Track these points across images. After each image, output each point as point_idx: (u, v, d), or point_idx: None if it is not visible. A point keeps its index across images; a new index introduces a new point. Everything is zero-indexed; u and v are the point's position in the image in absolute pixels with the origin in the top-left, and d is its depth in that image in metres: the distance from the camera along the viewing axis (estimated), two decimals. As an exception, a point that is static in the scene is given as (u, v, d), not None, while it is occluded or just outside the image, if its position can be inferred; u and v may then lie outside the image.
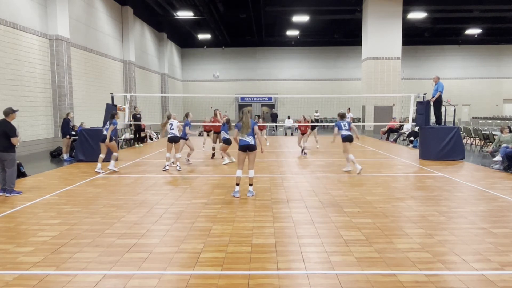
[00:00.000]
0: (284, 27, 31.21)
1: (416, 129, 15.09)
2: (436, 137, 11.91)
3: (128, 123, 16.20)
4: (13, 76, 13.10)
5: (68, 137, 12.61)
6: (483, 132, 14.82)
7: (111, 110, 12.61)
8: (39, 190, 7.83)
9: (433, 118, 12.96)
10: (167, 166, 10.33)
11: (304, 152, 13.33)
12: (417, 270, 3.93)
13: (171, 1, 23.85)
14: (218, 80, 37.68)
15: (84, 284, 3.68)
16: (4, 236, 5.07)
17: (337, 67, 37.59)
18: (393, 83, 23.63)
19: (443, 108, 13.27)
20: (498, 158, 10.26)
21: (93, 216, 5.96)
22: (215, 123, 13.10)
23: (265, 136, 17.96)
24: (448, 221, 5.63)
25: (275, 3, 24.73)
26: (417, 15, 25.71)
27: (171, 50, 34.28)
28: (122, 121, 16.08)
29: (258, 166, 10.78)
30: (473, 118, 33.83)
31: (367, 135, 23.49)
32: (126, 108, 14.57)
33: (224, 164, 11.24)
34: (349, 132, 9.96)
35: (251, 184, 7.38)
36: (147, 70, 27.87)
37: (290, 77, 37.64)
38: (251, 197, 7.14)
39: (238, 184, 7.24)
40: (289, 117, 26.69)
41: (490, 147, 11.83)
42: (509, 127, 12.10)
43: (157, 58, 30.58)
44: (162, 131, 10.80)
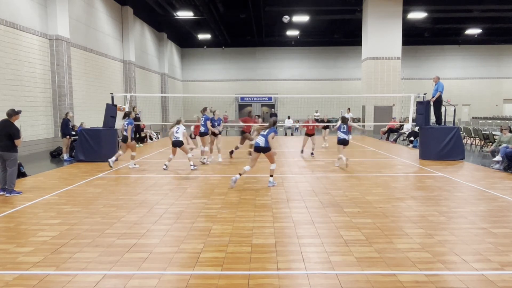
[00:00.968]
0: (284, 27, 31.17)
1: (416, 129, 15.08)
2: (436, 137, 11.91)
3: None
4: (13, 76, 13.10)
5: (68, 137, 12.61)
6: (483, 132, 14.82)
7: (111, 110, 12.64)
8: (39, 190, 7.83)
9: (433, 118, 12.96)
10: (165, 166, 10.65)
11: (312, 153, 13.45)
12: (417, 270, 3.93)
13: (171, 1, 23.84)
14: (218, 80, 37.67)
15: (84, 284, 3.68)
16: (4, 236, 5.08)
17: (337, 67, 37.58)
18: (393, 83, 23.62)
19: (443, 108, 13.27)
20: (498, 158, 10.26)
21: (93, 216, 5.96)
22: (249, 123, 12.78)
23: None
24: (448, 221, 5.63)
25: (275, 3, 24.71)
26: (417, 15, 25.69)
27: (171, 50, 34.26)
28: (122, 121, 16.07)
29: (258, 166, 10.80)
30: (473, 118, 33.82)
31: (367, 135, 23.49)
32: (126, 108, 14.56)
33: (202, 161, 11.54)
34: (344, 136, 10.73)
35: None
36: (147, 70, 27.86)
37: (290, 77, 37.62)
38: (264, 191, 7.17)
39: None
40: (289, 117, 26.70)
41: (492, 146, 11.83)
42: (510, 127, 12.10)
43: (157, 58, 30.57)
44: (171, 134, 10.86)
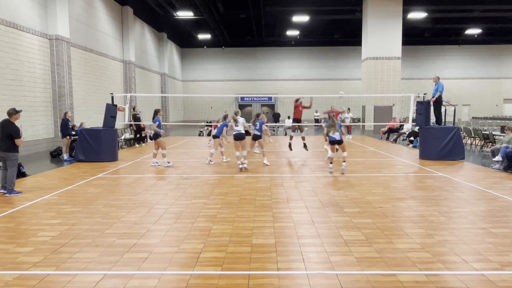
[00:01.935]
0: (284, 27, 31.22)
1: (416, 129, 15.08)
2: (436, 137, 11.90)
3: (128, 123, 16.20)
4: (13, 76, 13.10)
5: (68, 137, 12.60)
6: (483, 132, 14.82)
7: (111, 110, 12.63)
8: (39, 190, 7.82)
9: (433, 118, 12.96)
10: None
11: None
12: (417, 270, 3.93)
13: (171, 1, 23.85)
14: (218, 80, 37.68)
15: (84, 284, 3.68)
16: (4, 236, 5.07)
17: (337, 67, 37.59)
18: (393, 83, 23.62)
19: (443, 108, 13.26)
20: (498, 158, 10.26)
21: (93, 216, 5.95)
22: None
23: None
24: (448, 221, 5.63)
25: (275, 3, 24.72)
26: (417, 15, 25.71)
27: (171, 50, 34.27)
28: (122, 121, 16.09)
29: (258, 167, 10.79)
30: (473, 118, 33.84)
31: (367, 135, 23.49)
32: (126, 108, 14.57)
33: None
34: (335, 137, 10.34)
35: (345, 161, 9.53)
36: (147, 70, 27.86)
37: (290, 77, 37.63)
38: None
39: (331, 163, 9.95)
40: (289, 117, 26.69)
41: (496, 145, 11.79)
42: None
43: (157, 58, 30.57)
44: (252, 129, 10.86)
